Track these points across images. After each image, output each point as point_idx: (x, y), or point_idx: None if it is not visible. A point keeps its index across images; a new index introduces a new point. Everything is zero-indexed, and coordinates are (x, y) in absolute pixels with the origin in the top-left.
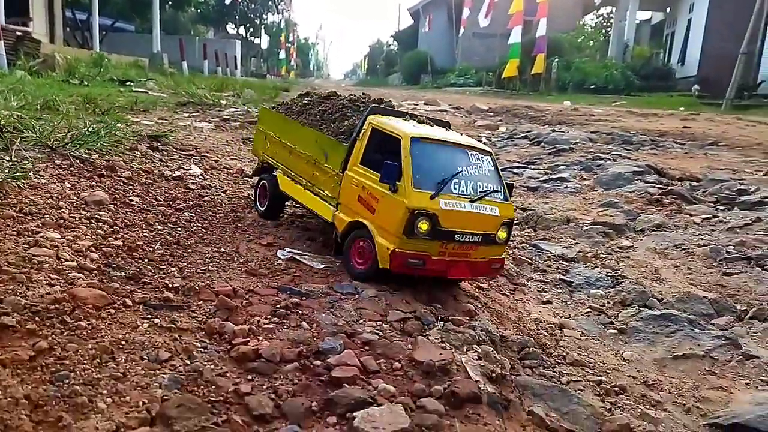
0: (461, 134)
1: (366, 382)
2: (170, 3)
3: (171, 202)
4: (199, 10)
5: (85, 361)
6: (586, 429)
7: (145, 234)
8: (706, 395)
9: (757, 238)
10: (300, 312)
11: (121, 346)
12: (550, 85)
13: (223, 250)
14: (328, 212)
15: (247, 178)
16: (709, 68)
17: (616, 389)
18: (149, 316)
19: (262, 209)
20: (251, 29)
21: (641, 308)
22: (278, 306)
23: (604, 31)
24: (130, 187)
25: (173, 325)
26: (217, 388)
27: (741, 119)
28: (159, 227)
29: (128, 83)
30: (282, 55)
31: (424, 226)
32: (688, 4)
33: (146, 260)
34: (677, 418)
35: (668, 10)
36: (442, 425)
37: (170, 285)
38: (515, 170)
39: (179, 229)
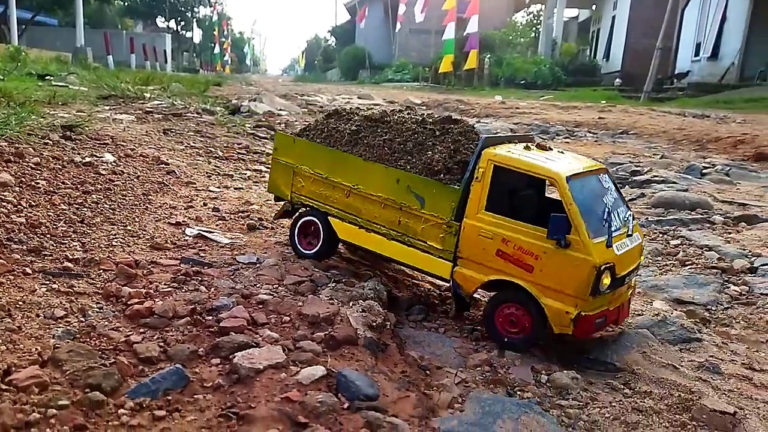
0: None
1: (253, 332)
2: None
3: (79, 186)
4: (126, 3)
5: None
6: (454, 365)
7: (49, 213)
8: (564, 338)
9: (638, 211)
10: (200, 279)
11: (18, 306)
12: (483, 80)
13: (129, 228)
14: (438, 267)
15: (163, 165)
16: (632, 63)
17: (486, 335)
18: (48, 282)
19: (311, 252)
20: (182, 23)
21: None
22: (179, 274)
23: (534, 28)
24: (38, 171)
25: (71, 290)
26: (108, 339)
27: (654, 110)
28: (64, 207)
29: (48, 77)
30: (216, 49)
31: (607, 280)
32: (612, 2)
33: (49, 236)
34: (534, 355)
35: (594, 7)
36: (316, 360)
37: (71, 257)
38: None
39: (85, 209)
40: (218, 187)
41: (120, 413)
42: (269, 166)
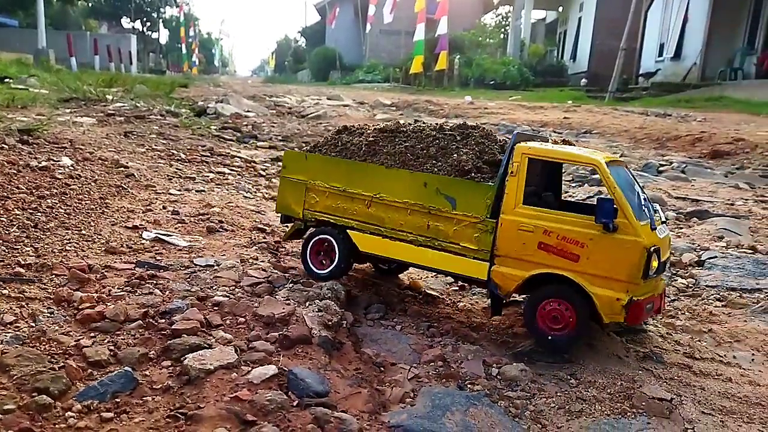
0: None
1: (207, 334)
2: None
3: (34, 191)
4: (90, 4)
5: None
6: (408, 361)
7: (2, 219)
8: (518, 332)
9: None
10: (155, 282)
11: None
12: (453, 81)
13: (84, 232)
14: (473, 269)
15: (122, 168)
16: (598, 63)
17: (442, 332)
18: None
19: (324, 272)
20: (148, 23)
21: None
22: (133, 277)
23: (502, 29)
24: None
25: (21, 295)
26: (58, 344)
27: (617, 110)
28: (18, 212)
29: (7, 80)
30: (183, 50)
31: (655, 263)
32: (578, 3)
33: (0, 241)
34: (487, 349)
35: (560, 9)
36: (269, 360)
37: (23, 262)
38: None
39: (39, 214)
40: (179, 190)
41: (67, 416)
42: (233, 168)
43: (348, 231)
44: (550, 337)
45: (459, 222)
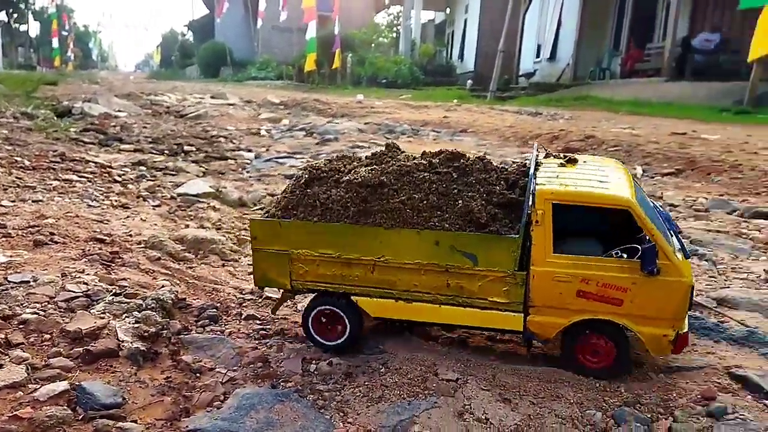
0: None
1: (2, 354)
2: None
3: None
4: None
5: None
6: (229, 365)
7: None
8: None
9: None
10: None
11: None
12: (347, 79)
13: None
14: (507, 321)
15: None
16: (482, 64)
17: (272, 333)
18: None
19: (336, 343)
20: (15, 15)
21: None
22: None
23: (394, 29)
24: None
25: None
26: None
27: (494, 109)
28: None
29: None
30: (55, 44)
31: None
32: (464, 6)
33: None
34: (312, 347)
35: (448, 11)
36: (64, 376)
37: None
38: (281, 160)
39: None
40: (12, 201)
41: None
42: (83, 174)
43: (353, 298)
44: (592, 370)
45: (483, 277)
